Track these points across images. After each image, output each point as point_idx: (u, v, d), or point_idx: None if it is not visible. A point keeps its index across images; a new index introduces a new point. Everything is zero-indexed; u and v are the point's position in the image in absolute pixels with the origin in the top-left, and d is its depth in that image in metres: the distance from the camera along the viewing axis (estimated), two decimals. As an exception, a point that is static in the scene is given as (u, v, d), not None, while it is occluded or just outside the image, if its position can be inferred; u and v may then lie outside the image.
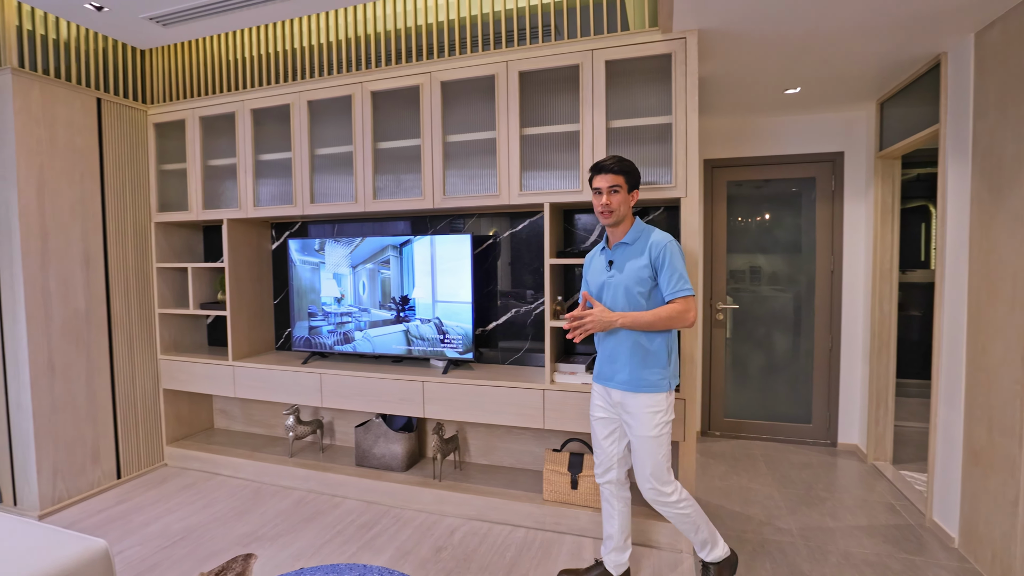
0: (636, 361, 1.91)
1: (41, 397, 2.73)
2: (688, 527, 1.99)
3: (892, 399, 3.19)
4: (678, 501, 1.94)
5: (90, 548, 1.71)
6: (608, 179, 1.93)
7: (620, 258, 1.97)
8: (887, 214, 3.15)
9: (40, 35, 2.71)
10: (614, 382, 1.97)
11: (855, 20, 2.17)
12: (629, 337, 1.93)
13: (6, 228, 2.68)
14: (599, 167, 1.96)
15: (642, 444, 1.91)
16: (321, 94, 2.82)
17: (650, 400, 1.89)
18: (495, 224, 2.94)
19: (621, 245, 1.98)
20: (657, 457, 1.90)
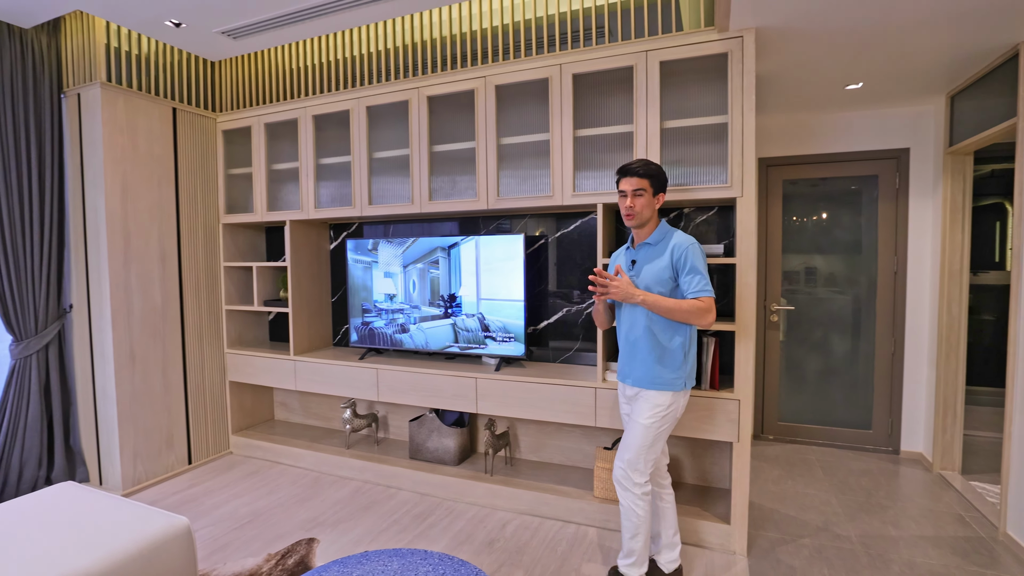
0: (653, 358, 1.99)
1: (123, 386, 2.98)
2: (630, 525, 2.04)
3: (961, 406, 3.09)
4: (640, 495, 2.00)
5: (174, 524, 1.90)
6: (633, 183, 1.99)
7: (642, 258, 2.05)
8: (957, 212, 3.05)
9: (124, 51, 2.96)
10: (631, 378, 2.06)
11: (924, 11, 2.13)
12: (648, 340, 1.99)
13: (94, 229, 2.94)
14: (625, 170, 2.03)
15: (633, 428, 2.03)
16: (379, 100, 2.96)
17: (658, 396, 1.99)
18: (542, 225, 3.02)
19: (644, 245, 2.06)
20: (640, 444, 1.99)
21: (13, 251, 2.81)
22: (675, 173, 2.57)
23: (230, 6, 2.67)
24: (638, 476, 2.00)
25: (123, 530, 1.81)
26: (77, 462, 3.10)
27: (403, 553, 1.78)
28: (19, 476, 2.90)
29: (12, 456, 2.87)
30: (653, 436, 1.99)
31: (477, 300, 2.93)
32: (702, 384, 2.45)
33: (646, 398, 2.01)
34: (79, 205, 3.00)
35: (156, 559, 1.79)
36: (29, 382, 2.91)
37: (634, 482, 2.00)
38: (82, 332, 3.05)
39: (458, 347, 2.99)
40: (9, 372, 2.87)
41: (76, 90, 2.94)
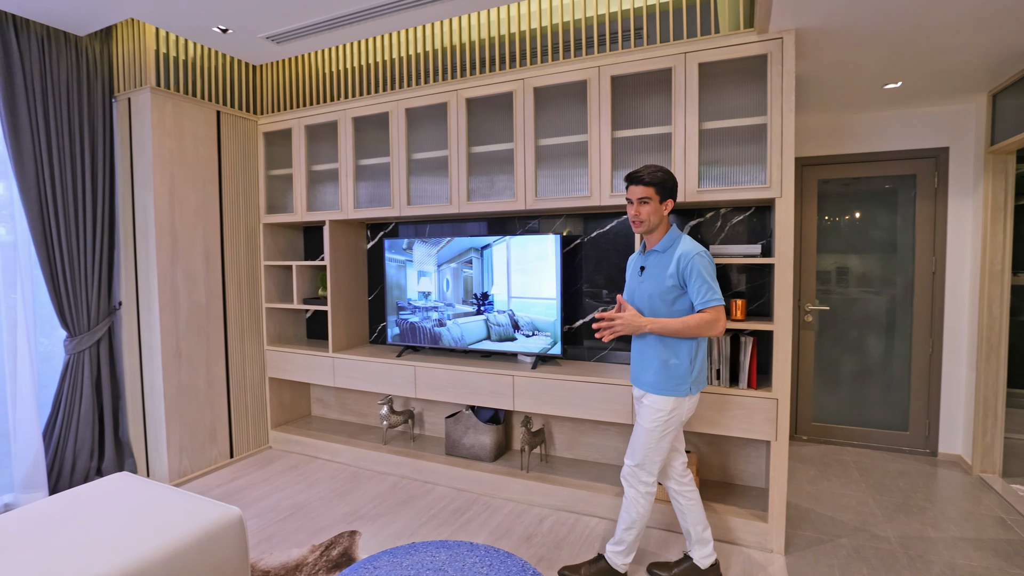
0: (659, 365, 2.06)
1: (170, 381, 3.12)
2: (627, 517, 2.13)
3: (1002, 408, 3.08)
4: (645, 493, 2.11)
5: (228, 514, 1.99)
6: (639, 191, 2.04)
7: (651, 265, 2.11)
8: (998, 212, 3.04)
9: (172, 57, 3.09)
10: (640, 382, 2.14)
11: (968, 9, 2.14)
12: (656, 348, 2.06)
13: (143, 229, 3.08)
14: (632, 178, 2.07)
15: (638, 431, 2.12)
16: (418, 102, 3.06)
17: (659, 400, 2.06)
18: (569, 225, 3.08)
19: (653, 252, 2.11)
20: (645, 447, 2.08)
21: (68, 250, 2.96)
22: (713, 174, 2.62)
23: (276, 12, 2.79)
24: (645, 476, 2.10)
25: (181, 518, 1.90)
26: (126, 454, 3.25)
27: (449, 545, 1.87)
28: (72, 467, 3.05)
29: (67, 447, 3.03)
30: (656, 439, 2.06)
31: (508, 298, 3.02)
32: (739, 383, 2.50)
33: (650, 402, 2.08)
34: (128, 206, 3.14)
35: (212, 547, 1.88)
36: (82, 376, 3.06)
37: (640, 480, 2.11)
38: (131, 329, 3.20)
39: (495, 345, 3.07)
40: (64, 367, 3.02)
41: (126, 95, 3.09)
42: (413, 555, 1.79)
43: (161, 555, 1.73)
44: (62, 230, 2.93)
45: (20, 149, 2.77)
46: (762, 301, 2.75)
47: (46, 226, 2.89)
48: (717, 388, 2.50)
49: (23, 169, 2.78)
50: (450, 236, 3.27)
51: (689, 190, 2.50)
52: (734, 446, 2.84)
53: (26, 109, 2.78)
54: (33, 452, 2.84)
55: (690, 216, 2.85)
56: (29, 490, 2.84)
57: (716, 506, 2.60)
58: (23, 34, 2.77)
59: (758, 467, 2.82)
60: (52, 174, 2.88)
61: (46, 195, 2.87)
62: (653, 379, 2.07)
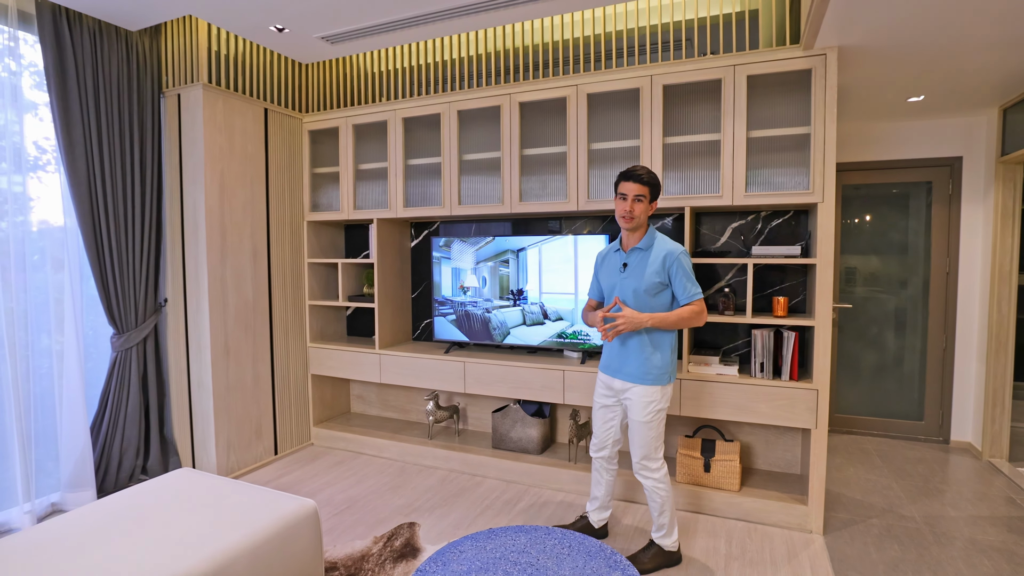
0: (646, 355, 2.30)
1: (219, 377, 3.27)
2: (656, 505, 2.40)
3: (1009, 399, 3.46)
4: (660, 478, 2.37)
5: (304, 506, 2.14)
6: (636, 188, 2.25)
7: (633, 262, 2.34)
8: (1007, 218, 3.41)
9: (223, 54, 3.24)
10: (622, 374, 2.36)
11: (990, 35, 2.46)
12: (643, 340, 2.31)
13: (192, 225, 3.23)
14: (630, 175, 2.27)
15: (636, 427, 2.35)
16: (471, 104, 3.27)
17: (647, 391, 2.31)
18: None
19: (636, 250, 2.33)
20: (648, 439, 2.34)
21: (118, 246, 3.08)
22: (758, 179, 2.90)
23: (337, 14, 2.97)
24: (653, 464, 2.37)
25: (261, 511, 2.04)
26: (170, 452, 3.39)
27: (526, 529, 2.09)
28: (119, 465, 3.18)
29: (114, 445, 3.15)
30: (654, 429, 2.33)
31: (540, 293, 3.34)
32: (782, 375, 2.80)
33: (640, 395, 2.31)
34: (176, 202, 3.27)
35: (291, 538, 2.02)
36: (129, 374, 3.19)
37: (651, 470, 2.37)
38: (176, 325, 3.33)
39: (548, 342, 3.31)
40: (111, 364, 3.14)
41: (176, 91, 3.22)
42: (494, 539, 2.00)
43: (248, 545, 1.86)
44: (111, 225, 3.05)
45: (72, 143, 2.88)
46: (799, 299, 3.05)
47: (96, 221, 3.00)
48: (761, 380, 2.78)
49: (74, 164, 2.88)
50: (503, 235, 3.50)
51: (737, 194, 2.78)
52: (772, 436, 3.14)
53: (78, 104, 2.89)
54: (81, 451, 2.94)
55: (732, 218, 3.13)
56: (76, 489, 2.93)
57: (759, 491, 2.89)
58: (76, 28, 2.89)
59: (794, 455, 3.12)
60: (102, 169, 3.00)
61: (96, 190, 2.98)
62: (641, 371, 2.31)
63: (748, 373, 2.90)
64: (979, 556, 2.53)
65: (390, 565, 2.43)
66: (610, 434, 2.51)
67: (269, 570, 1.92)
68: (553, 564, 1.76)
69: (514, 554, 1.86)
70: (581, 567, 1.73)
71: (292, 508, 2.10)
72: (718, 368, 2.90)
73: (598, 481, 2.60)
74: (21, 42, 2.77)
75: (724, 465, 2.91)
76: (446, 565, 1.75)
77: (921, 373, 3.89)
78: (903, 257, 3.94)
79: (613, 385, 2.43)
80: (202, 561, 1.73)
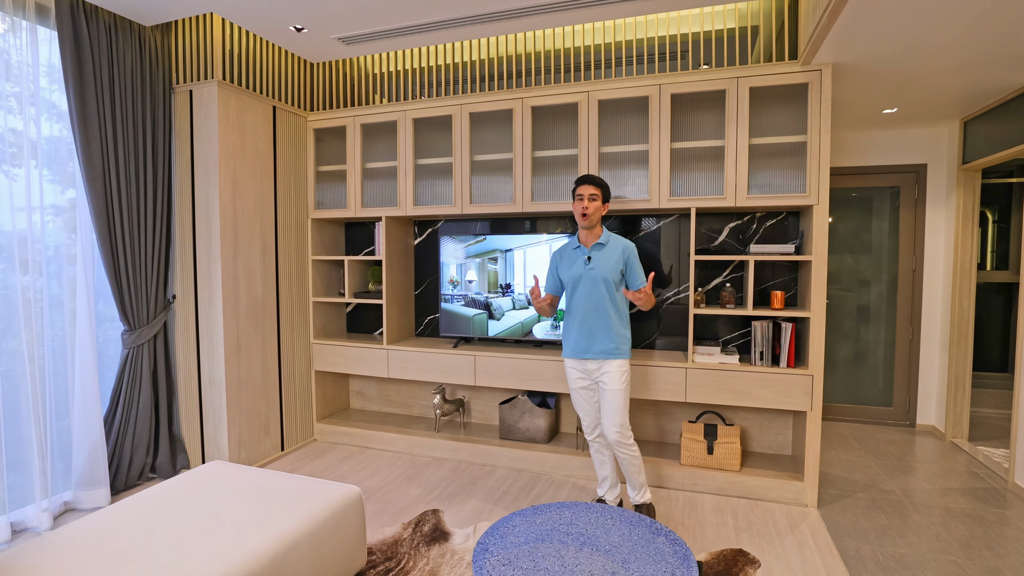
0: (614, 333, 2.64)
1: (231, 373, 3.29)
2: (635, 469, 2.70)
3: (969, 384, 3.84)
4: (632, 444, 2.67)
5: (350, 492, 2.25)
6: (590, 189, 2.63)
7: (596, 255, 2.67)
8: (967, 220, 3.80)
9: (236, 52, 3.26)
10: (592, 352, 2.65)
11: (963, 58, 2.78)
12: (612, 318, 2.64)
13: (205, 222, 3.24)
14: (585, 179, 2.66)
15: (613, 396, 2.62)
16: (483, 107, 3.40)
17: (620, 363, 2.64)
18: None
19: (598, 245, 2.67)
20: (623, 406, 2.63)
21: (131, 241, 3.06)
22: (758, 182, 3.15)
23: (356, 15, 3.04)
24: (628, 431, 2.65)
25: (312, 497, 2.13)
26: (178, 449, 3.37)
27: (568, 505, 2.26)
28: (130, 463, 3.15)
29: (125, 443, 3.13)
30: (627, 395, 2.64)
31: None
32: (779, 363, 3.05)
33: (615, 367, 2.62)
34: (187, 198, 3.27)
35: (342, 521, 2.13)
36: (140, 371, 3.17)
37: (627, 435, 2.65)
38: (186, 322, 3.33)
39: (551, 335, 3.47)
40: (122, 361, 3.12)
41: (187, 87, 3.22)
42: (540, 514, 2.15)
43: (309, 527, 1.96)
44: (124, 221, 3.03)
45: (88, 138, 2.85)
46: (792, 293, 3.32)
47: (110, 217, 2.97)
48: (761, 368, 3.03)
49: (90, 159, 2.86)
50: (497, 233, 3.64)
51: (739, 196, 3.02)
52: (766, 421, 3.40)
53: (94, 99, 2.87)
54: (94, 449, 2.91)
55: (730, 218, 3.38)
56: (90, 487, 2.89)
57: (758, 471, 3.13)
58: (92, 22, 2.86)
59: (785, 438, 3.39)
60: (117, 164, 2.98)
61: (110, 186, 2.96)
62: (612, 346, 2.63)
63: (748, 362, 3.15)
64: (954, 521, 2.84)
65: (424, 547, 2.54)
66: (596, 413, 2.75)
67: (325, 551, 2.02)
68: (602, 533, 1.92)
69: (563, 526, 2.01)
70: (627, 534, 1.90)
71: (340, 494, 2.20)
72: (720, 357, 3.13)
73: (602, 461, 2.81)
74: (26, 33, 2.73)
75: (726, 447, 3.15)
76: (504, 537, 1.89)
77: (889, 363, 4.26)
78: (875, 256, 4.30)
79: (587, 367, 2.69)
80: (273, 540, 1.82)
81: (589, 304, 2.65)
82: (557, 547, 1.84)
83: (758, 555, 2.50)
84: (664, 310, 3.52)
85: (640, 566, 1.72)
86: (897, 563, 2.46)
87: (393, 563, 2.40)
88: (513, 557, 1.78)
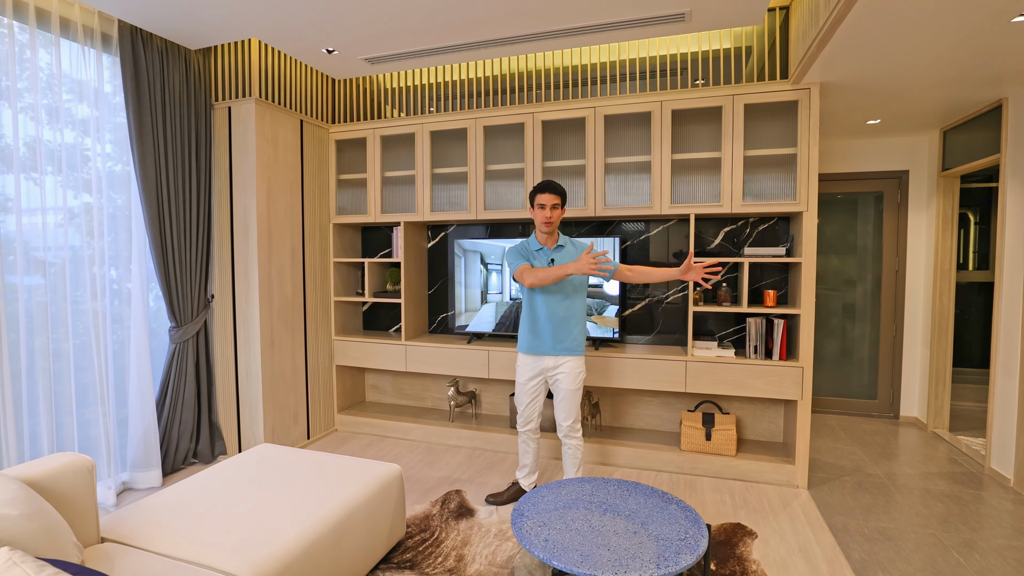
0: (579, 329, 2.77)
1: (266, 367, 3.48)
2: (577, 461, 2.84)
3: (949, 378, 4.03)
4: (581, 437, 2.84)
5: (392, 469, 2.45)
6: (552, 198, 2.71)
7: (559, 257, 2.79)
8: (947, 223, 3.99)
9: (270, 71, 3.46)
10: (557, 349, 2.74)
11: (943, 76, 2.98)
12: (581, 312, 2.76)
13: (244, 227, 3.43)
14: (547, 187, 2.70)
15: (568, 396, 2.77)
16: (496, 121, 3.59)
17: (579, 362, 2.77)
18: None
19: (559, 247, 2.80)
20: (576, 405, 2.78)
21: (178, 245, 3.26)
22: (752, 190, 3.35)
23: (383, 39, 3.24)
24: (578, 425, 2.82)
25: (361, 473, 2.34)
26: (216, 437, 3.57)
27: (588, 480, 2.45)
28: (176, 448, 3.35)
29: (174, 430, 3.32)
30: (581, 391, 2.79)
31: None
32: (772, 356, 3.24)
33: (573, 366, 2.74)
34: (225, 206, 3.47)
35: (387, 493, 2.34)
36: (186, 364, 3.36)
37: (577, 431, 2.82)
38: (224, 320, 3.52)
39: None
40: (169, 355, 3.31)
41: (226, 103, 3.42)
42: (565, 487, 2.34)
43: (364, 498, 2.18)
44: (174, 228, 3.23)
45: (144, 153, 3.06)
46: (782, 292, 3.51)
47: (161, 225, 3.18)
48: (755, 360, 3.22)
49: (145, 172, 3.06)
50: (520, 236, 3.83)
51: (735, 203, 3.21)
52: (759, 410, 3.59)
53: (149, 117, 3.08)
54: (148, 434, 3.13)
55: (725, 223, 3.57)
56: (145, 469, 3.11)
57: (752, 456, 3.32)
58: (148, 48, 3.08)
59: (777, 427, 3.58)
60: (167, 175, 3.18)
61: (162, 196, 3.16)
62: (575, 343, 2.75)
63: (743, 355, 3.34)
64: (933, 501, 3.03)
65: (453, 521, 2.74)
66: (535, 408, 2.89)
67: (376, 519, 2.23)
68: (621, 501, 2.12)
69: (586, 496, 2.21)
70: (643, 503, 2.10)
71: (384, 470, 2.41)
72: (717, 351, 3.33)
73: (526, 451, 2.96)
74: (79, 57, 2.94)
75: (723, 434, 3.34)
76: (536, 505, 2.09)
77: (874, 358, 4.45)
78: (859, 257, 4.49)
79: (543, 363, 2.78)
80: (336, 507, 2.05)
81: (552, 303, 2.73)
82: (583, 512, 2.04)
83: (755, 528, 2.69)
84: (663, 308, 3.71)
85: (657, 527, 1.92)
86: (881, 535, 2.66)
87: (428, 534, 2.60)
88: (546, 520, 1.98)
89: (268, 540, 1.78)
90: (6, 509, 1.40)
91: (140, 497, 2.97)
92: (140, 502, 2.06)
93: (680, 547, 1.81)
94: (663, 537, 1.87)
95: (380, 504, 2.25)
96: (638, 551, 1.79)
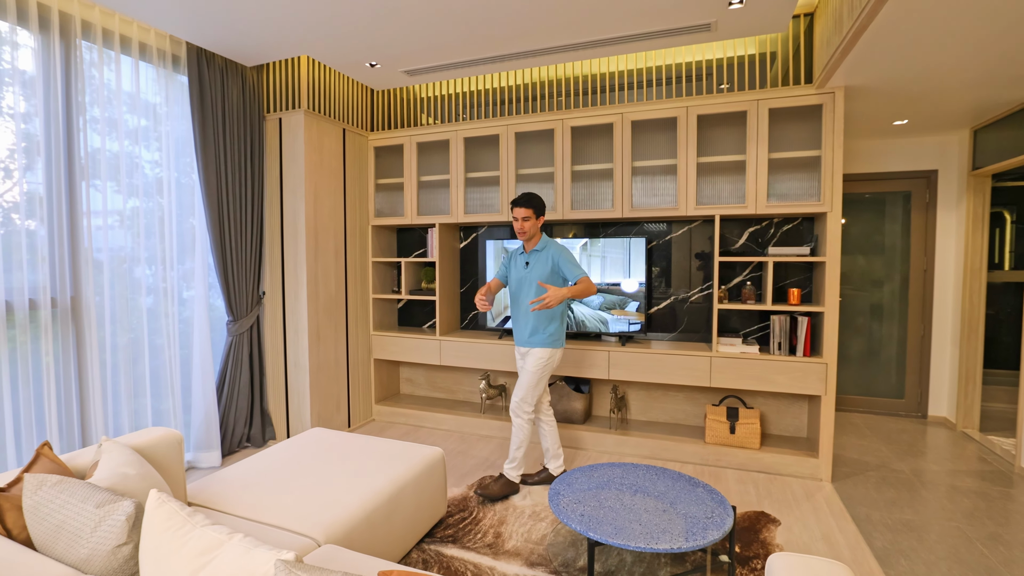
0: (541, 326, 2.95)
1: (313, 358, 3.69)
2: (517, 441, 2.98)
3: (979, 378, 3.99)
4: (526, 420, 2.97)
5: (435, 452, 2.60)
6: (521, 211, 2.90)
7: (534, 261, 2.98)
8: (977, 222, 3.95)
9: (317, 84, 3.68)
10: (527, 342, 2.98)
11: (970, 77, 2.99)
12: (544, 313, 2.92)
13: (293, 229, 3.65)
14: (517, 202, 2.91)
15: (523, 375, 2.99)
16: (527, 127, 3.74)
17: (541, 352, 2.95)
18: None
19: (534, 252, 2.98)
20: (527, 385, 2.96)
21: (235, 246, 3.50)
22: (776, 191, 3.41)
23: (423, 53, 3.42)
24: (527, 407, 2.97)
25: (407, 453, 2.51)
26: (267, 423, 3.80)
27: (617, 465, 2.56)
28: (232, 432, 3.59)
29: (230, 415, 3.56)
30: (536, 380, 2.95)
31: None
32: (796, 353, 3.29)
33: (536, 355, 2.94)
34: (276, 209, 3.70)
35: (431, 473, 2.50)
36: (241, 355, 3.60)
37: (524, 411, 2.97)
38: (274, 314, 3.75)
39: (596, 327, 3.78)
40: (227, 347, 3.55)
41: (277, 115, 3.65)
42: (596, 471, 2.46)
43: (412, 475, 2.36)
44: (232, 231, 3.47)
45: (207, 163, 3.30)
46: (807, 290, 3.55)
47: (221, 226, 3.42)
48: (779, 356, 3.28)
49: (208, 180, 3.31)
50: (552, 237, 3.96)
51: (760, 204, 3.27)
52: (783, 406, 3.63)
53: (212, 130, 3.33)
54: (209, 417, 3.39)
55: (749, 224, 3.63)
56: (206, 449, 3.38)
57: (776, 449, 3.38)
58: (211, 67, 3.33)
59: (801, 422, 3.62)
60: (228, 183, 3.43)
61: (223, 201, 3.41)
62: (540, 337, 2.95)
63: (767, 351, 3.40)
64: (959, 496, 3.04)
65: (489, 503, 2.88)
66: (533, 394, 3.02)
67: (422, 495, 2.40)
68: (650, 484, 2.23)
69: (616, 478, 2.33)
70: (672, 485, 2.21)
71: (429, 452, 2.58)
72: (741, 348, 3.39)
73: (543, 434, 3.13)
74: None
75: (747, 428, 3.40)
76: (571, 485, 2.22)
77: (901, 357, 4.43)
78: (887, 256, 4.48)
79: (521, 351, 3.04)
80: (388, 482, 2.23)
81: (525, 301, 2.98)
82: (615, 492, 2.17)
83: (778, 516, 2.76)
84: (687, 307, 3.79)
85: (685, 506, 2.04)
86: (904, 527, 2.70)
87: (467, 514, 2.75)
88: (581, 498, 2.12)
89: (332, 508, 1.98)
90: (125, 469, 1.64)
91: (203, 475, 3.20)
92: (213, 474, 2.27)
93: (707, 524, 1.92)
94: (691, 515, 1.98)
95: (426, 482, 2.42)
96: (668, 526, 1.91)
